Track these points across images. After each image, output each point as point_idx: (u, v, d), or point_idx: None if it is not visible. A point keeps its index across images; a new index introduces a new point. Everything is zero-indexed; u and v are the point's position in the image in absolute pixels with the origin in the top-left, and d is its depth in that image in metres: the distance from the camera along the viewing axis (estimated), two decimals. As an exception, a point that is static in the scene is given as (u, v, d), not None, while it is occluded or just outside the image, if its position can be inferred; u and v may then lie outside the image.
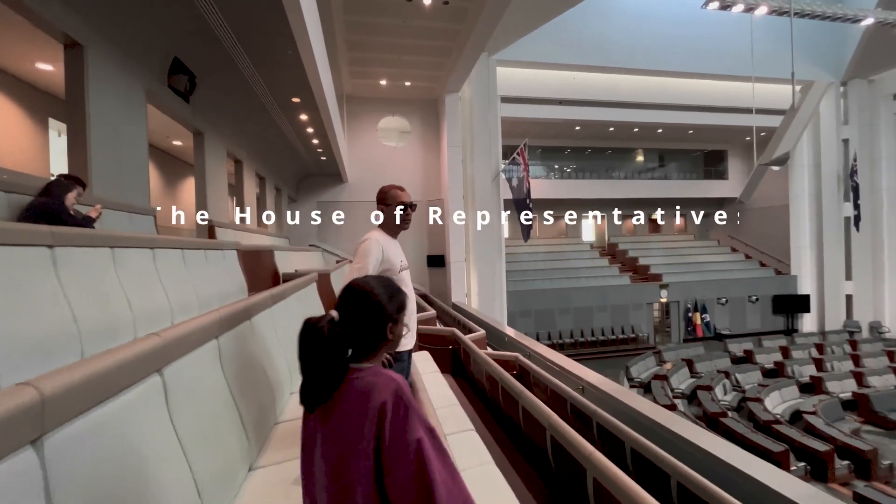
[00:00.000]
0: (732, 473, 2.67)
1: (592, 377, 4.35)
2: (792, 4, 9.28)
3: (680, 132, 19.62)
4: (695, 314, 17.71)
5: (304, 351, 0.91)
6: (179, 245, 2.72)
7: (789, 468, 7.45)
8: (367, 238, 2.01)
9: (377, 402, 0.87)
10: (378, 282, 1.05)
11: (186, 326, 1.28)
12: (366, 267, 1.92)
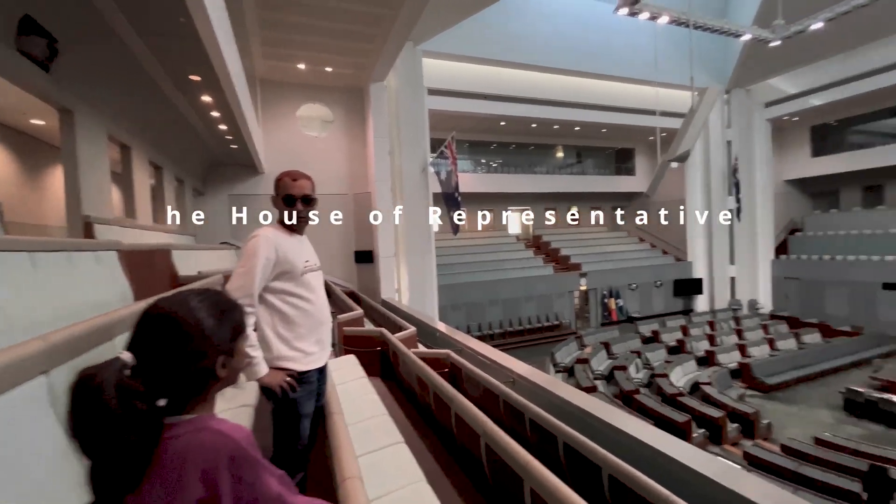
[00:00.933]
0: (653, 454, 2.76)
1: (522, 368, 4.36)
2: (690, 16, 10.24)
3: (595, 130, 20.95)
4: (610, 300, 19.15)
5: (81, 426, 0.62)
6: (26, 247, 2.15)
7: (692, 435, 8.29)
8: (255, 235, 1.68)
9: (197, 472, 0.63)
10: (198, 300, 0.76)
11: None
12: (251, 271, 1.59)
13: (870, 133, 19.32)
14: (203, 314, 0.72)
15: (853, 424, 9.51)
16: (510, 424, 3.05)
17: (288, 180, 1.78)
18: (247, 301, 1.55)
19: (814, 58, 16.80)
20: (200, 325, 0.71)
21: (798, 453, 7.39)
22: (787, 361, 12.67)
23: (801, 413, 10.20)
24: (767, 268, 19.93)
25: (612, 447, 3.07)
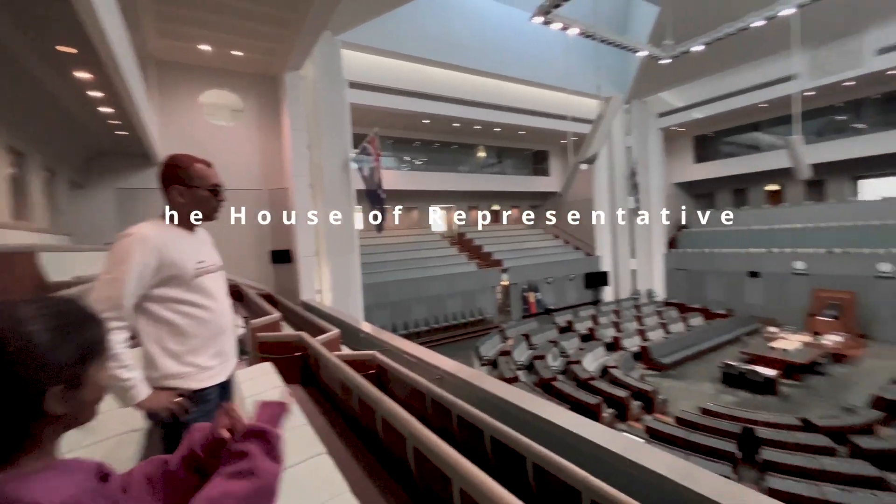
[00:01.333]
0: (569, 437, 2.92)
1: (449, 365, 4.37)
2: (596, 30, 11.12)
3: (513, 132, 21.91)
4: (529, 293, 20.19)
5: None
6: None
7: (602, 415, 9.03)
8: (127, 234, 1.42)
9: None
10: (33, 310, 0.57)
11: None
12: (120, 278, 1.33)
13: (738, 144, 22.63)
14: (35, 329, 0.55)
15: (730, 393, 11.09)
16: (438, 423, 3.03)
17: (203, 167, 1.54)
18: (113, 315, 1.30)
19: (696, 76, 19.23)
20: (27, 344, 0.54)
21: (689, 423, 8.42)
22: (677, 343, 14.38)
23: (690, 387, 11.65)
24: (661, 261, 22.44)
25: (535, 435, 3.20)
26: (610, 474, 2.70)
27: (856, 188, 19.40)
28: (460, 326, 17.71)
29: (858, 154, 17.59)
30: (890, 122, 17.32)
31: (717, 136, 23.05)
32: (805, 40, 15.10)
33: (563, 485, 2.00)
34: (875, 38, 14.97)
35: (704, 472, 2.38)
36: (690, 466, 2.47)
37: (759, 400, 10.56)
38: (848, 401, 9.94)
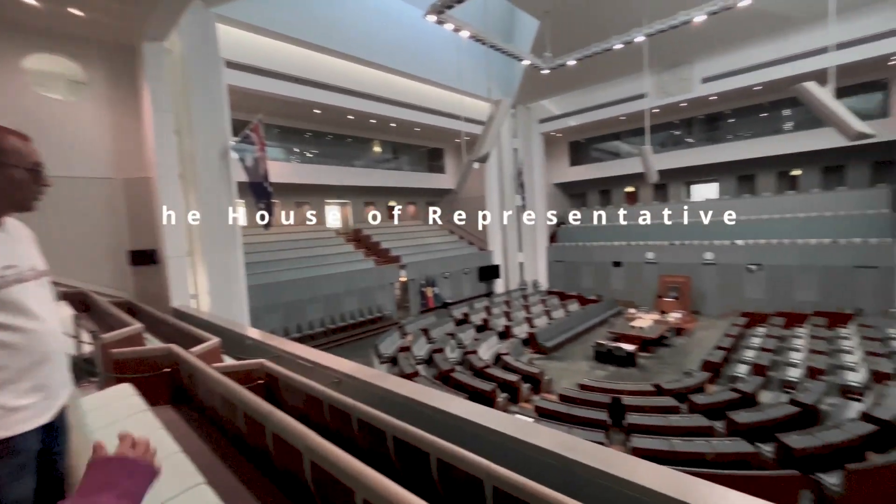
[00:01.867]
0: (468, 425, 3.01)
1: (347, 366, 4.19)
2: (486, 35, 11.68)
3: (409, 128, 21.96)
4: (427, 288, 20.53)
5: None
6: None
7: (497, 400, 9.59)
8: None
9: None
10: None
11: None
12: None
13: (604, 151, 25.87)
14: None
15: (601, 369, 12.67)
16: (338, 429, 2.88)
17: (18, 141, 1.18)
18: None
19: (571, 87, 21.43)
20: None
21: (569, 399, 9.40)
22: (558, 327, 15.96)
23: (570, 367, 13.02)
24: (544, 254, 24.65)
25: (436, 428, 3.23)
26: (507, 457, 2.85)
27: (689, 191, 23.64)
28: (359, 325, 17.27)
29: (689, 163, 21.46)
30: (711, 138, 21.49)
31: (587, 142, 26.04)
32: (652, 65, 17.84)
33: (466, 475, 2.04)
34: (701, 69, 18.34)
35: (584, 442, 2.65)
36: (573, 439, 2.73)
37: (623, 372, 12.25)
38: (686, 366, 12.10)
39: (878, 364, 9.81)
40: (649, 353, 13.70)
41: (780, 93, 18.05)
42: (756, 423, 7.56)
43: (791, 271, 17.08)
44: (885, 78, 16.64)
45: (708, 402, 8.75)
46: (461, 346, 14.11)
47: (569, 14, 15.54)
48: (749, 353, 11.99)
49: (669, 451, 6.71)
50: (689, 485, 2.18)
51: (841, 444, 6.58)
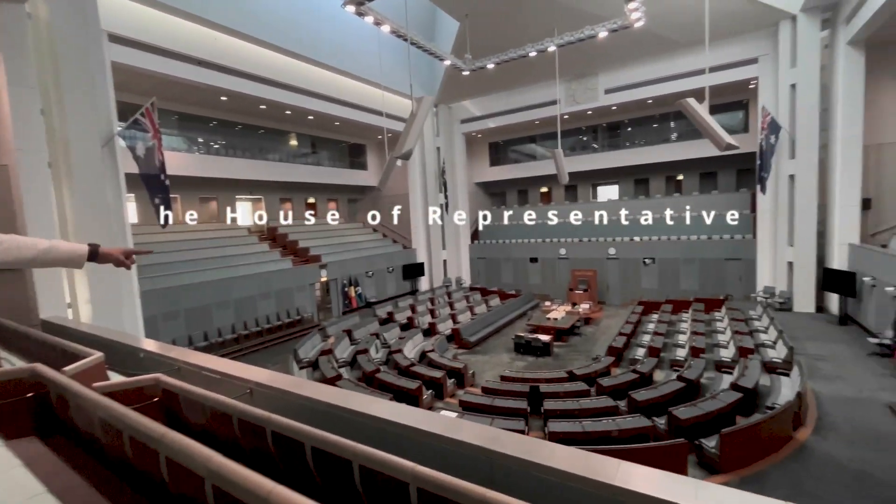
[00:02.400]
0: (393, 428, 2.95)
1: (260, 375, 3.87)
2: (407, 32, 11.59)
3: (329, 123, 21.11)
4: (350, 288, 19.94)
5: None
6: None
7: (422, 398, 9.61)
8: None
9: None
10: None
11: None
12: None
13: (521, 152, 27.20)
14: None
15: (521, 360, 13.32)
16: (250, 446, 2.63)
17: None
18: None
19: (490, 90, 22.20)
20: None
21: (492, 390, 9.74)
22: (481, 322, 16.47)
23: (492, 359, 13.50)
24: (467, 251, 25.27)
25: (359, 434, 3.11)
26: (433, 455, 2.85)
27: (595, 192, 25.80)
28: (276, 330, 16.22)
29: (595, 167, 23.43)
30: (613, 144, 23.67)
31: (506, 144, 27.19)
32: (563, 74, 19.13)
33: (391, 480, 1.97)
34: (605, 81, 20.08)
35: (505, 433, 2.74)
36: (495, 430, 2.80)
37: (540, 361, 13.01)
38: (594, 352, 13.19)
39: (743, 341, 11.58)
40: (563, 342, 14.72)
41: (668, 107, 20.45)
42: (652, 400, 8.49)
43: (677, 264, 19.48)
44: (746, 98, 19.66)
45: (613, 383, 9.62)
46: (386, 345, 13.92)
47: (487, 19, 16.04)
48: (645, 337, 13.43)
49: (581, 432, 7.25)
50: (599, 463, 2.36)
51: (717, 411, 7.64)
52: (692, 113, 8.55)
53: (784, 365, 9.98)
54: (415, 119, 8.16)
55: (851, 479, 6.36)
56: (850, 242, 14.48)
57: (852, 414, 8.23)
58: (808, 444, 7.32)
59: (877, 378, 9.80)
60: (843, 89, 14.24)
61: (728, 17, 14.84)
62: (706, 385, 9.70)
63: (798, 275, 15.76)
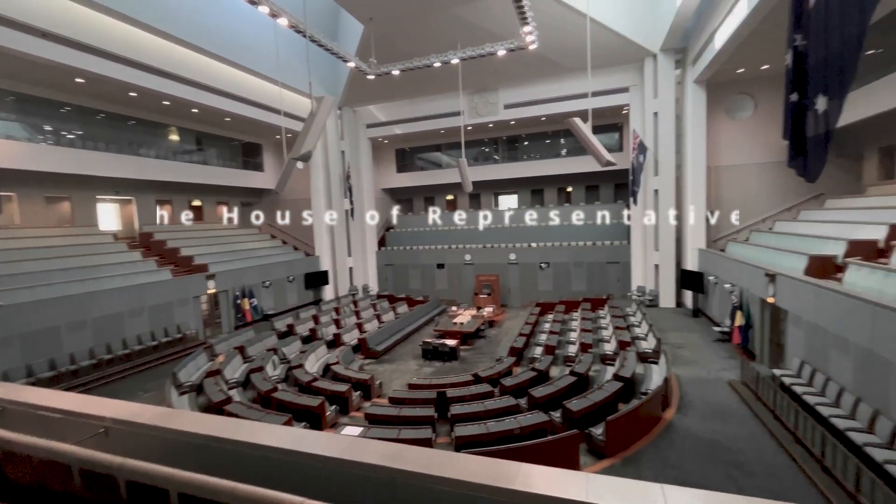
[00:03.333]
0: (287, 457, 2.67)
1: (121, 410, 3.26)
2: (307, 28, 10.99)
3: (218, 118, 19.15)
4: (243, 300, 18.19)
5: None
6: None
7: (325, 414, 9.07)
8: None
9: None
10: None
11: None
12: None
13: (427, 161, 27.60)
14: None
15: (428, 366, 13.35)
16: (96, 500, 2.15)
17: None
18: None
19: (396, 96, 22.17)
20: None
21: (400, 400, 9.56)
22: (388, 330, 16.20)
23: (400, 368, 13.31)
24: (374, 258, 24.78)
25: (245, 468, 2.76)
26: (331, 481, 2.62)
27: (497, 201, 27.22)
28: (149, 351, 14.05)
29: (496, 177, 24.75)
30: (512, 157, 25.26)
31: (412, 151, 27.38)
32: (465, 87, 19.89)
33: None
34: (505, 96, 21.34)
35: (409, 448, 2.64)
36: (398, 447, 2.69)
37: (447, 366, 13.18)
38: (497, 353, 13.78)
39: (622, 335, 13.06)
40: (469, 345, 15.13)
41: (559, 125, 22.46)
42: (548, 395, 9.09)
43: (568, 267, 21.38)
44: (620, 122, 22.45)
45: (514, 383, 10.11)
46: (285, 360, 12.93)
47: (392, 25, 16.01)
48: (542, 336, 14.43)
49: (486, 433, 7.46)
50: (501, 469, 2.38)
51: (603, 401, 8.45)
52: (578, 131, 9.44)
53: (654, 354, 11.46)
54: (314, 119, 7.73)
55: (706, 447, 7.49)
56: (699, 248, 17.27)
57: (704, 392, 9.73)
58: (673, 421, 8.45)
59: (720, 360, 11.77)
60: (691, 119, 17.04)
61: (606, 50, 16.82)
62: (594, 377, 10.70)
63: (662, 275, 18.33)
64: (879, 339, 6.77)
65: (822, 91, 3.78)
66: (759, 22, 11.54)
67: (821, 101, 3.85)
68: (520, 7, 12.30)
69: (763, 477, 6.61)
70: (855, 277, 8.54)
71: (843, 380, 7.77)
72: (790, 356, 9.81)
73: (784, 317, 10.18)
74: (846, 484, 5.96)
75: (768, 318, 11.12)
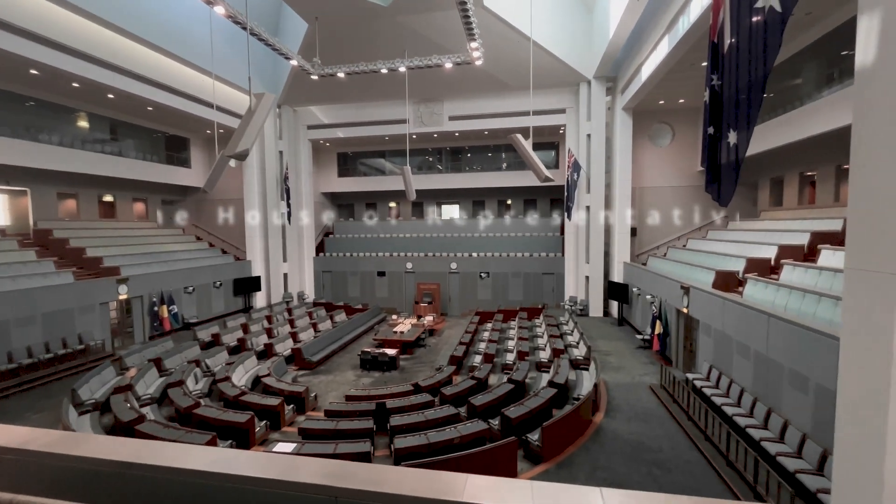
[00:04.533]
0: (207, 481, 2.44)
1: (6, 436, 2.79)
2: (247, 20, 10.40)
3: (139, 106, 17.45)
4: (161, 307, 16.57)
5: None
6: None
7: (255, 430, 8.47)
8: None
9: None
10: None
11: None
12: None
13: (370, 166, 27.20)
14: None
15: (367, 376, 13.00)
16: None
17: None
18: None
19: (341, 99, 21.68)
20: None
21: (336, 413, 9.19)
22: (325, 340, 15.59)
23: (336, 379, 12.83)
24: (311, 264, 23.82)
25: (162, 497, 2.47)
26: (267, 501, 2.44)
27: (440, 210, 27.46)
28: (44, 365, 12.28)
29: (440, 186, 25.01)
30: (455, 167, 25.68)
31: (355, 156, 26.85)
32: (412, 95, 19.97)
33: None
34: (450, 108, 21.70)
35: (350, 465, 2.52)
36: (338, 464, 2.56)
37: (387, 376, 12.94)
38: (438, 362, 13.78)
39: (556, 343, 13.68)
40: (409, 354, 14.98)
41: (501, 139, 23.26)
42: (488, 403, 9.24)
43: (507, 277, 22.05)
44: (557, 141, 23.77)
45: (454, 391, 10.16)
46: (209, 373, 11.94)
47: (340, 27, 15.68)
48: (481, 345, 14.68)
49: (426, 444, 7.39)
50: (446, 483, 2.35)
51: (538, 407, 8.75)
52: (520, 147, 9.83)
53: (585, 361, 12.12)
54: (252, 116, 7.30)
55: (630, 448, 8.02)
56: (624, 261, 18.65)
57: (629, 396, 10.45)
58: (602, 425, 8.97)
59: (642, 366, 12.72)
60: (619, 143, 18.48)
61: (547, 72, 17.77)
62: (530, 384, 11.07)
63: (592, 286, 19.53)
64: (772, 346, 7.72)
65: (733, 126, 4.28)
66: (676, 61, 12.86)
67: (732, 135, 4.36)
68: (468, 23, 12.64)
69: (679, 473, 7.21)
70: (753, 291, 9.70)
71: (745, 382, 8.74)
72: (701, 361, 10.86)
73: (696, 325, 11.26)
74: (746, 475, 6.67)
75: (683, 326, 12.24)
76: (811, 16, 10.47)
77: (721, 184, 4.53)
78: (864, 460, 2.48)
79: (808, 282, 8.81)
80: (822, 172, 13.06)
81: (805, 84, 12.26)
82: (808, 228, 11.38)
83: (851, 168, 2.33)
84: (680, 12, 11.28)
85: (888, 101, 2.35)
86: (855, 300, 2.76)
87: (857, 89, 2.75)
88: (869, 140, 2.52)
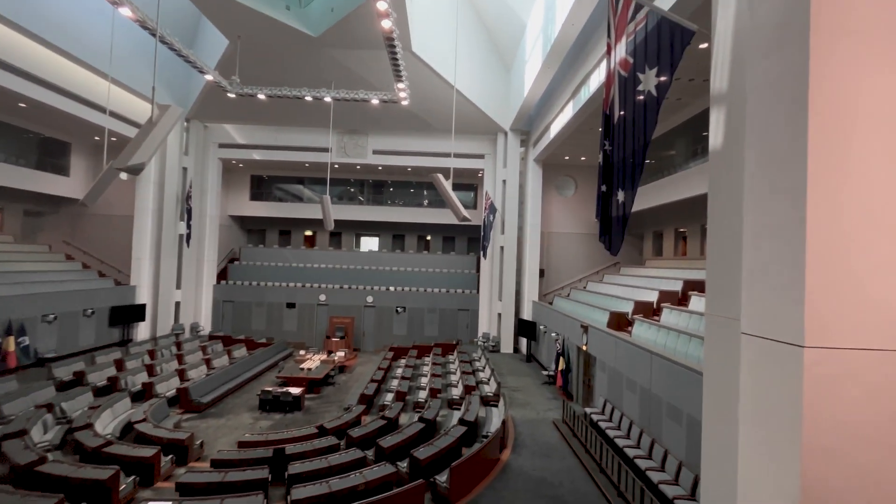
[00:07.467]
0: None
1: None
2: (158, 25, 9.64)
3: (7, 101, 14.96)
4: (7, 339, 13.66)
5: None
6: None
7: (119, 488, 7.15)
8: None
9: None
10: None
11: None
12: None
13: (287, 192, 26.06)
14: None
15: (266, 418, 11.82)
16: None
17: None
18: None
19: (260, 120, 20.78)
20: None
21: (225, 462, 8.15)
22: (219, 378, 13.98)
23: (229, 423, 11.47)
24: (210, 292, 21.62)
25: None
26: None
27: (359, 242, 26.97)
28: None
29: (359, 218, 24.71)
30: (376, 200, 25.68)
31: (271, 179, 25.58)
32: (336, 125, 19.85)
33: None
34: (374, 142, 21.90)
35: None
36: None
37: (289, 418, 11.90)
38: (346, 402, 13.06)
39: (468, 380, 13.82)
40: (316, 393, 14.02)
41: (423, 177, 23.90)
42: (397, 444, 8.91)
43: (423, 313, 22.05)
44: (476, 183, 25.09)
45: (362, 433, 9.66)
46: (64, 419, 9.97)
47: (264, 48, 15.25)
48: (394, 382, 14.30)
49: (327, 493, 6.84)
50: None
51: (448, 447, 8.65)
52: (440, 187, 10.20)
53: (494, 398, 12.37)
54: (153, 128, 6.66)
55: (534, 485, 8.22)
56: (533, 300, 19.81)
57: (534, 431, 10.82)
58: (509, 462, 9.11)
59: (547, 401, 13.34)
60: (531, 190, 20.09)
61: (468, 119, 18.93)
62: (441, 422, 10.95)
63: (504, 323, 20.33)
64: (654, 381, 8.63)
65: (621, 185, 4.93)
66: (579, 124, 14.57)
67: (620, 193, 5.00)
68: (396, 65, 13.13)
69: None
70: (639, 331, 10.86)
71: (633, 415, 9.57)
72: (597, 396, 11.71)
73: (594, 362, 12.21)
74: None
75: (583, 363, 13.19)
76: (681, 101, 12.65)
77: (611, 235, 5.12)
78: (722, 471, 2.82)
79: (682, 323, 10.13)
80: (692, 229, 15.42)
81: (678, 155, 14.59)
82: (681, 277, 13.19)
83: (708, 230, 2.77)
84: (582, 83, 12.92)
85: (730, 176, 2.90)
86: (712, 340, 3.22)
87: (710, 165, 3.33)
88: (719, 208, 3.07)
